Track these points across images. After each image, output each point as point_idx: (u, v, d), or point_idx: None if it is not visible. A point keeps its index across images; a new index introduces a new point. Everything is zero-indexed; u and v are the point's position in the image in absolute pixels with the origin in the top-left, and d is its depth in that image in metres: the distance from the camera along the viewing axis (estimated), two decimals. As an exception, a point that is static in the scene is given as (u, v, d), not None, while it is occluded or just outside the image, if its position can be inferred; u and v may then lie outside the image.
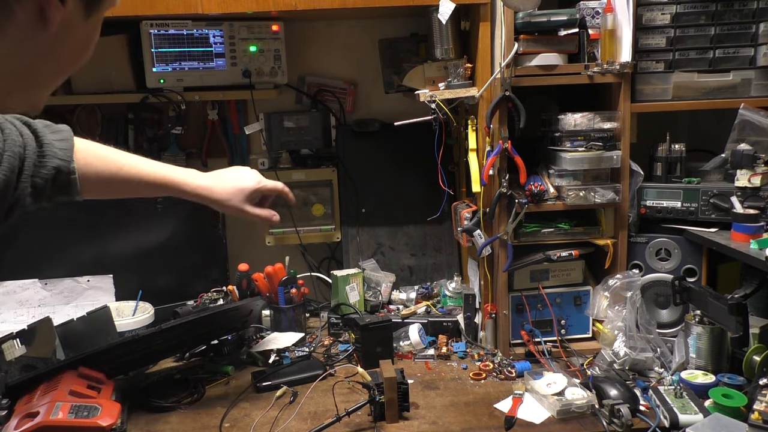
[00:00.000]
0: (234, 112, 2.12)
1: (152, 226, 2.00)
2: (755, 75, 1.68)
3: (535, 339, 1.73)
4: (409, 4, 1.69)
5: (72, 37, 0.62)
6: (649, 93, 1.70)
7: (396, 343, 1.78)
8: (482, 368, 1.67)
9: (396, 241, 2.15)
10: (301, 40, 2.11)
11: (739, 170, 1.59)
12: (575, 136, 1.66)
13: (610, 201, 1.68)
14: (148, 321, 1.83)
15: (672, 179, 1.73)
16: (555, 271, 1.77)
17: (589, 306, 1.75)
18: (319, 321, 2.01)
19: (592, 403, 1.44)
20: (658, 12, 1.67)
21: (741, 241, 1.52)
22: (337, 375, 1.66)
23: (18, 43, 0.57)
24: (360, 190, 2.13)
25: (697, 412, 1.36)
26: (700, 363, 1.55)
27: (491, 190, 1.70)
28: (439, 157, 1.80)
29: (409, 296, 2.04)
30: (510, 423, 1.41)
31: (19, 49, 0.57)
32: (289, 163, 2.11)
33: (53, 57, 0.61)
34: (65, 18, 0.59)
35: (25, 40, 0.58)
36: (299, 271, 2.06)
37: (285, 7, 1.66)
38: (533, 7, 1.59)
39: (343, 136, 2.14)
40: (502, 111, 1.64)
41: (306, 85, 2.15)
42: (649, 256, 1.73)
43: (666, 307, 1.73)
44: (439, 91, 1.71)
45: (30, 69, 0.57)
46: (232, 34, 1.89)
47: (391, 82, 2.11)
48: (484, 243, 1.71)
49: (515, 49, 1.60)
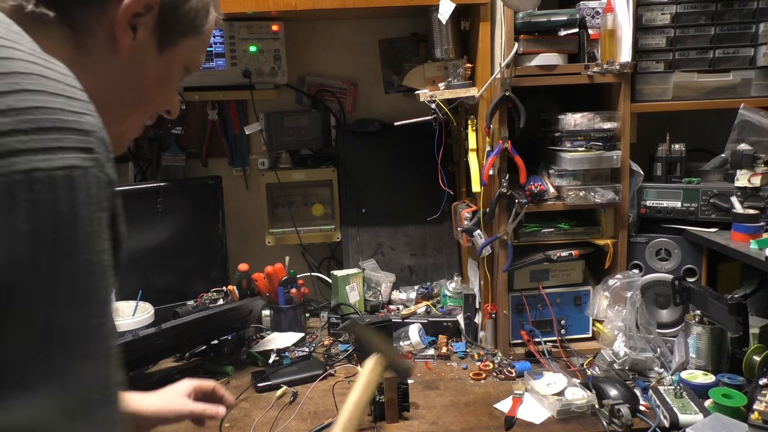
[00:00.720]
0: (234, 112, 2.12)
1: (152, 226, 2.00)
2: (755, 75, 1.68)
3: (535, 339, 1.73)
4: (409, 4, 1.69)
5: (146, 69, 0.67)
6: (649, 93, 1.70)
7: (396, 343, 1.78)
8: (482, 368, 1.67)
9: (396, 241, 2.15)
10: (301, 40, 2.11)
11: (739, 170, 1.59)
12: (575, 136, 1.66)
13: (610, 201, 1.68)
14: (148, 321, 1.82)
15: (672, 179, 1.73)
16: (555, 271, 1.77)
17: (589, 306, 1.75)
18: (319, 321, 2.01)
19: (592, 403, 1.44)
20: (658, 12, 1.67)
21: (741, 241, 1.52)
22: (337, 375, 1.67)
23: (100, 63, 0.62)
24: (360, 190, 2.13)
25: (697, 412, 1.36)
26: (700, 363, 1.55)
27: (491, 190, 1.70)
28: (439, 157, 1.80)
29: (409, 296, 2.05)
30: (510, 423, 1.41)
31: (101, 70, 0.61)
32: (289, 163, 2.11)
33: (130, 84, 0.66)
34: (137, 47, 0.64)
35: (104, 62, 0.63)
36: (299, 271, 2.06)
37: (285, 7, 1.66)
38: (533, 7, 1.59)
39: (343, 136, 2.14)
40: (502, 111, 1.64)
41: (306, 85, 2.15)
42: (649, 256, 1.73)
43: (666, 307, 1.73)
44: (439, 91, 1.71)
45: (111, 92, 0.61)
46: (232, 34, 1.89)
47: (391, 82, 2.11)
48: (484, 243, 1.71)
49: (515, 49, 1.60)
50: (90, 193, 0.46)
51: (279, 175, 2.05)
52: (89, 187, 0.46)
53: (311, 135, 2.09)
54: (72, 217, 0.45)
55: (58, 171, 0.45)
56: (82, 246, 0.46)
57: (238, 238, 2.17)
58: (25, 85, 0.46)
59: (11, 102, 0.45)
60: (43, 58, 0.50)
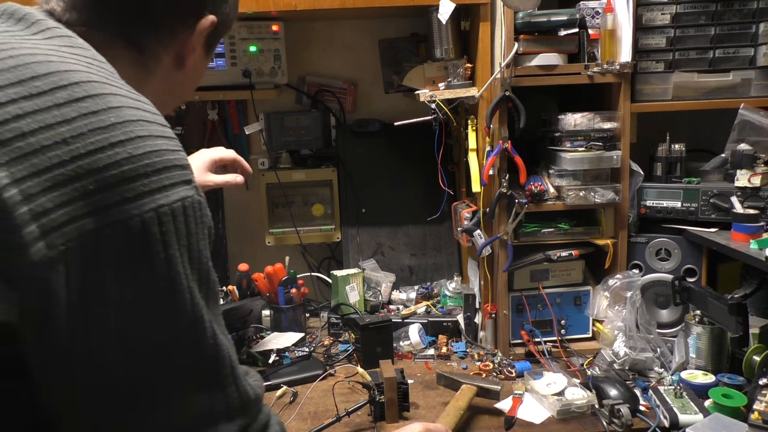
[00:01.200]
0: (234, 112, 2.12)
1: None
2: (755, 75, 1.68)
3: (535, 339, 1.73)
4: (409, 4, 1.69)
5: (198, 72, 0.79)
6: (649, 93, 1.70)
7: (396, 343, 1.78)
8: (482, 368, 1.67)
9: (396, 241, 2.15)
10: (301, 40, 2.11)
11: (739, 170, 1.59)
12: (575, 136, 1.66)
13: (610, 201, 1.68)
14: (148, 321, 1.82)
15: (672, 179, 1.73)
16: (555, 271, 1.77)
17: (589, 306, 1.75)
18: (319, 321, 2.01)
19: (592, 403, 1.44)
20: (658, 12, 1.67)
21: (741, 241, 1.52)
22: (337, 375, 1.67)
23: (162, 80, 0.72)
24: (360, 190, 2.13)
25: (697, 412, 1.36)
26: (700, 363, 1.55)
27: (491, 190, 1.70)
28: (439, 157, 1.80)
29: (409, 296, 2.05)
30: (510, 423, 1.41)
31: (162, 85, 0.70)
32: (289, 163, 2.11)
33: (182, 88, 0.78)
34: (195, 59, 0.76)
35: (167, 78, 0.73)
36: (299, 271, 2.06)
37: (285, 7, 1.66)
38: (533, 7, 1.59)
39: (343, 136, 2.14)
40: (502, 111, 1.65)
41: (306, 85, 2.15)
42: (649, 256, 1.73)
43: (666, 307, 1.73)
44: (439, 91, 1.71)
45: (166, 97, 0.70)
46: (232, 34, 1.88)
47: (391, 82, 2.11)
48: (484, 243, 1.71)
49: (515, 49, 1.60)
50: (197, 215, 0.57)
51: (279, 175, 2.05)
52: (197, 211, 0.57)
53: (311, 135, 2.09)
54: (191, 236, 0.56)
55: (176, 204, 0.54)
56: (204, 257, 0.58)
57: (238, 238, 2.17)
58: (137, 132, 0.54)
59: (130, 150, 0.53)
60: (137, 99, 0.58)
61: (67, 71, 0.55)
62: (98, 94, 0.54)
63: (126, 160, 0.52)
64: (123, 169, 0.52)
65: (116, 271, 0.51)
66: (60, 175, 0.50)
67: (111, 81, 0.58)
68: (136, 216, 0.51)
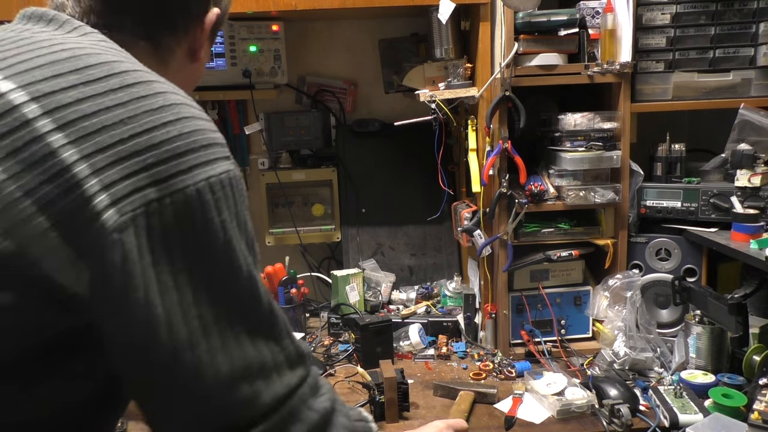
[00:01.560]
0: (234, 112, 2.12)
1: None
2: (755, 75, 1.68)
3: (535, 339, 1.73)
4: (409, 4, 1.69)
5: (204, 60, 0.84)
6: (649, 93, 1.70)
7: (396, 343, 1.78)
8: (482, 368, 1.67)
9: (396, 241, 2.15)
10: (301, 40, 2.11)
11: (739, 170, 1.59)
12: (575, 136, 1.66)
13: (610, 201, 1.68)
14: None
15: (672, 179, 1.73)
16: (555, 271, 1.77)
17: (589, 306, 1.75)
18: (319, 321, 2.01)
19: (592, 403, 1.44)
20: (658, 12, 1.67)
21: (741, 241, 1.52)
22: (337, 375, 1.67)
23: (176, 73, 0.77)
24: (360, 190, 2.13)
25: (697, 412, 1.36)
26: (700, 363, 1.55)
27: (491, 190, 1.70)
28: (439, 157, 1.80)
29: (409, 296, 2.04)
30: (510, 423, 1.41)
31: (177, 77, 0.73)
32: (289, 163, 2.11)
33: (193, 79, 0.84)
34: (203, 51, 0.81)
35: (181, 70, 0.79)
36: (299, 271, 2.06)
37: (285, 7, 1.66)
38: (533, 7, 1.59)
39: (343, 136, 2.14)
40: (502, 111, 1.65)
41: (306, 85, 2.15)
42: (649, 256, 1.73)
43: (666, 307, 1.73)
44: (439, 91, 1.71)
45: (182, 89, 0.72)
46: (232, 33, 1.88)
47: (391, 82, 2.11)
48: (484, 243, 1.71)
49: (515, 49, 1.60)
50: (239, 187, 0.62)
51: (279, 175, 2.05)
52: (239, 183, 0.62)
53: (311, 135, 2.09)
54: (237, 205, 0.61)
55: (223, 175, 0.60)
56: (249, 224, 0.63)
57: (238, 238, 2.17)
58: (183, 113, 0.60)
59: (179, 128, 0.59)
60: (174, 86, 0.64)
61: (114, 61, 0.61)
62: (145, 81, 0.61)
63: (177, 137, 0.58)
64: (176, 144, 0.57)
65: (180, 235, 0.57)
66: (122, 150, 0.56)
67: (149, 71, 0.64)
68: (191, 186, 0.57)
